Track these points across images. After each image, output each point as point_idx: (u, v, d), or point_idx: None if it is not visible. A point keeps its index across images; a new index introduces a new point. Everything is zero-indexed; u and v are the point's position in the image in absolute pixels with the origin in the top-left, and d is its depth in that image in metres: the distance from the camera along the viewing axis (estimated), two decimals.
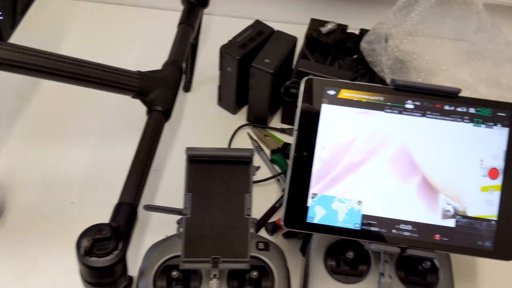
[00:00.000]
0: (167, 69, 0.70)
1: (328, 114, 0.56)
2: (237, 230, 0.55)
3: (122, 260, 0.51)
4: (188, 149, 0.53)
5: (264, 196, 0.77)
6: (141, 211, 0.59)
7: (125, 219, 0.56)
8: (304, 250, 0.68)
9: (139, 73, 0.66)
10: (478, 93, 0.89)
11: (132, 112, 0.72)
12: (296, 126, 0.56)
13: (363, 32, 0.87)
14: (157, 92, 0.65)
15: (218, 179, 0.55)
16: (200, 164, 0.55)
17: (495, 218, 0.55)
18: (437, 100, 0.55)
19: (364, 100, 0.56)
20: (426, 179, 0.55)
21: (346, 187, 0.56)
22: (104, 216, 0.55)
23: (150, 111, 0.65)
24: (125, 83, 0.64)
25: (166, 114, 0.66)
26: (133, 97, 0.66)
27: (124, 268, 0.53)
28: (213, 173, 0.55)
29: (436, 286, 0.59)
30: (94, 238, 0.49)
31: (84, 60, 0.63)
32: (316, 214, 0.56)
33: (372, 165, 0.56)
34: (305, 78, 0.56)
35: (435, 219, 0.55)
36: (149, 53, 0.84)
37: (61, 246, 0.68)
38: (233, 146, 0.84)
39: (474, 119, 0.55)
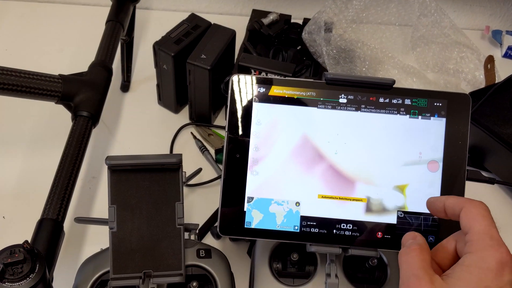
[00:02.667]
0: (93, 70, 0.65)
1: (259, 113, 0.53)
2: (169, 241, 0.52)
3: (41, 283, 0.47)
4: (108, 158, 0.49)
5: (210, 198, 0.74)
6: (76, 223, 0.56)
7: (47, 237, 0.52)
8: (251, 253, 0.65)
9: (61, 76, 0.62)
10: (426, 80, 0.88)
11: (63, 117, 0.68)
12: (226, 127, 0.53)
13: (306, 21, 0.85)
14: (82, 96, 0.61)
15: (145, 188, 0.51)
16: (123, 173, 0.51)
17: None
18: (372, 93, 0.53)
19: (296, 97, 0.53)
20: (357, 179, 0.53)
21: (283, 188, 0.53)
22: None
23: (75, 117, 0.61)
24: (45, 88, 0.60)
25: (93, 119, 0.62)
26: (56, 102, 0.62)
27: None
28: (138, 182, 0.51)
29: (385, 282, 0.58)
30: (5, 263, 0.45)
31: None
32: (254, 218, 0.53)
33: (304, 166, 0.53)
34: (232, 76, 0.53)
35: (375, 217, 0.53)
36: (84, 53, 0.80)
37: None
38: (176, 147, 0.80)
39: (411, 111, 0.53)
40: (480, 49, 0.91)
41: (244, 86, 0.53)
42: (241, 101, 0.53)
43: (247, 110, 0.53)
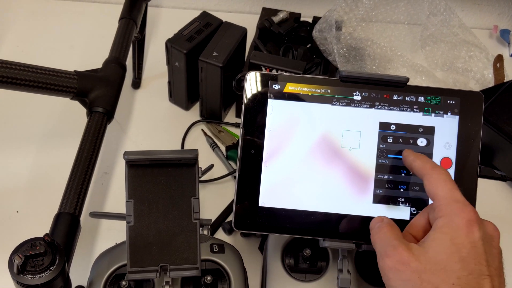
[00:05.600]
0: (108, 67, 0.66)
1: (274, 109, 0.54)
2: (185, 235, 0.53)
3: (60, 276, 0.47)
4: (126, 153, 0.50)
5: (221, 195, 0.75)
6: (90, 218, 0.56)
7: (65, 231, 0.53)
8: (263, 248, 0.66)
9: (77, 73, 0.62)
10: (434, 78, 0.88)
11: (77, 113, 0.69)
12: (241, 124, 0.54)
13: (316, 20, 0.85)
14: (97, 92, 0.62)
15: (161, 183, 0.52)
16: (141, 168, 0.52)
17: None
18: (386, 90, 0.53)
19: (310, 94, 0.54)
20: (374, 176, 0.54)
21: (297, 183, 0.54)
22: None
23: (90, 113, 0.62)
24: (61, 84, 0.60)
25: (108, 115, 0.62)
26: (71, 98, 0.63)
27: (66, 283, 0.50)
28: (155, 177, 0.52)
29: None
30: (27, 255, 0.45)
31: (15, 62, 0.59)
32: None
33: (319, 162, 0.54)
34: (248, 72, 0.54)
35: (388, 212, 0.54)
36: (95, 50, 0.80)
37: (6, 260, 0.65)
38: (187, 143, 0.81)
39: (424, 108, 0.54)
40: (488, 48, 0.91)
41: (259, 83, 0.54)
42: (256, 97, 0.54)
43: (262, 106, 0.54)
